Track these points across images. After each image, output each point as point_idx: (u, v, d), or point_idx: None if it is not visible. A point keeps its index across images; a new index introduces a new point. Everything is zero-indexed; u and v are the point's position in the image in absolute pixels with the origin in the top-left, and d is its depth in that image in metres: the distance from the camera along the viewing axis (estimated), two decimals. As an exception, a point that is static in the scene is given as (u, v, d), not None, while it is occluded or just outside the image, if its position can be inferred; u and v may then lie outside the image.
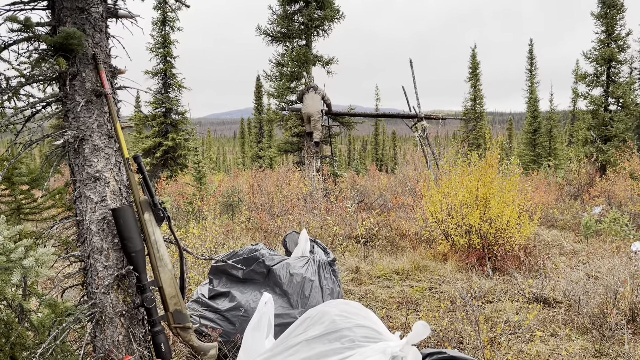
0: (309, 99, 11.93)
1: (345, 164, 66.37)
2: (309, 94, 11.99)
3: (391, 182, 14.48)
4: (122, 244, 2.56)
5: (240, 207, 9.56)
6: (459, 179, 6.44)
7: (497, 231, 5.96)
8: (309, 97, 11.95)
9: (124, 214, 2.54)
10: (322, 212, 8.37)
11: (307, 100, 11.97)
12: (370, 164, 44.93)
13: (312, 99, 11.91)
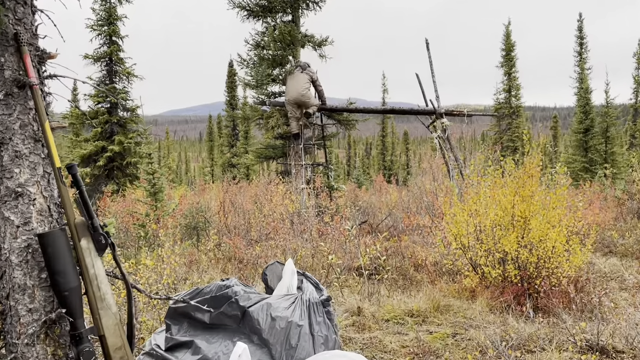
0: (291, 80, 11.99)
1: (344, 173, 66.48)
2: (293, 74, 12.05)
3: (403, 197, 14.52)
4: (52, 280, 2.53)
5: (207, 230, 9.52)
6: (489, 192, 6.46)
7: (539, 260, 5.97)
8: (292, 79, 12.02)
9: (54, 241, 2.52)
10: (314, 237, 8.35)
11: (288, 82, 12.04)
12: (376, 173, 45.08)
13: (296, 80, 11.96)
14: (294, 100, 11.98)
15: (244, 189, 13.46)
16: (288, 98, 12.04)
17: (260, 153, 13.89)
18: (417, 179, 14.37)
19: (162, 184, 9.49)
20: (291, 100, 11.99)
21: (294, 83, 11.97)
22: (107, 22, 16.72)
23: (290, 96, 11.98)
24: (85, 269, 2.59)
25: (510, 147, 30.30)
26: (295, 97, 11.94)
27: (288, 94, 12.03)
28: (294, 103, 12.03)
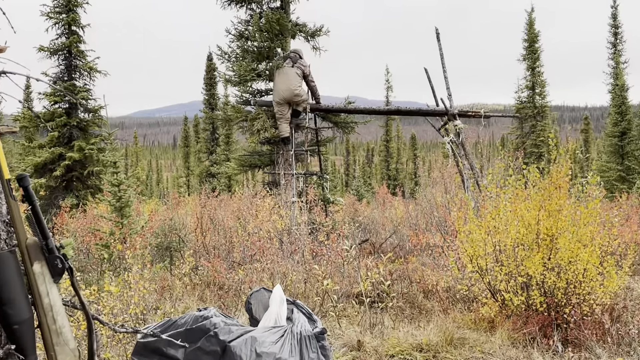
0: (281, 76, 12.05)
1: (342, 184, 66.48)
2: (282, 69, 12.10)
3: (410, 211, 14.54)
4: (0, 311, 2.52)
5: (182, 251, 9.49)
6: (510, 206, 6.48)
7: (568, 285, 5.97)
8: (281, 73, 12.08)
9: (1, 265, 2.51)
10: (307, 258, 8.33)
11: (277, 78, 12.09)
12: (379, 184, 45.12)
13: (286, 75, 12.02)
14: (285, 99, 12.01)
15: (225, 202, 13.43)
16: (277, 96, 12.07)
17: (244, 161, 13.89)
18: (427, 190, 14.39)
19: (130, 198, 9.47)
20: (281, 98, 12.03)
21: (283, 79, 12.01)
22: (66, 8, 16.74)
23: (280, 94, 12.01)
24: (38, 298, 2.58)
25: (534, 154, 30.43)
26: (285, 95, 11.97)
27: (277, 91, 12.07)
28: (284, 102, 12.06)
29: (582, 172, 37.53)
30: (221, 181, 32.89)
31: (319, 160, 13.47)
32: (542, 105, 31.71)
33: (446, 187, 12.83)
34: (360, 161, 77.65)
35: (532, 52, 31.57)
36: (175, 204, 17.83)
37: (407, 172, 55.76)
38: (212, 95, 36.03)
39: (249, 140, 13.83)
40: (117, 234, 9.00)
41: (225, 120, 13.89)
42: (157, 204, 23.72)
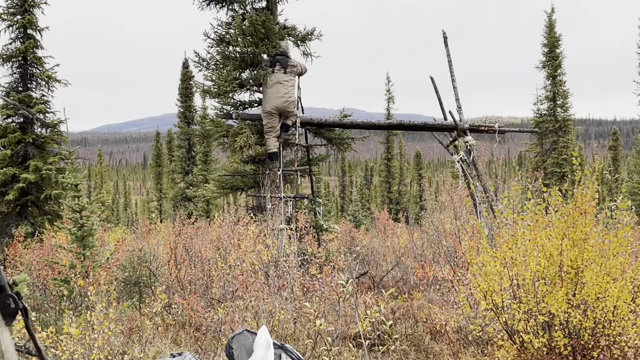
0: (272, 83, 12.16)
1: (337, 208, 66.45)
2: (273, 75, 12.19)
3: (415, 240, 14.52)
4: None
5: (153, 286, 9.44)
6: (529, 234, 6.48)
7: (596, 325, 5.96)
8: (272, 80, 12.20)
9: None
10: (297, 295, 8.31)
11: (268, 86, 12.16)
12: (379, 208, 45.17)
13: (278, 83, 12.19)
14: (277, 109, 12.08)
15: (202, 230, 13.41)
16: (268, 105, 12.12)
17: (225, 182, 13.88)
18: (434, 216, 14.40)
19: (93, 225, 9.42)
20: (273, 108, 12.09)
21: (277, 86, 12.09)
22: (21, 9, 16.76)
23: (272, 103, 12.08)
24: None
25: (556, 174, 30.49)
26: (279, 105, 12.06)
27: (268, 100, 12.12)
28: (276, 112, 12.13)
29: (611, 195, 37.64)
30: (198, 206, 32.83)
31: (310, 182, 13.48)
32: (565, 118, 31.74)
33: (456, 213, 12.84)
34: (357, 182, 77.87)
35: (553, 58, 31.68)
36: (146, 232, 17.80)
37: (411, 195, 55.81)
38: (189, 108, 36.07)
39: (230, 158, 13.78)
40: (79, 267, 8.94)
41: (204, 136, 13.88)
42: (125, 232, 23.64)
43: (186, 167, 35.82)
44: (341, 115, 13.52)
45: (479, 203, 11.79)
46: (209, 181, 28.37)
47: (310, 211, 13.33)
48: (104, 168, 66.82)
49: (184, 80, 35.94)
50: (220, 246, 10.71)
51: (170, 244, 11.27)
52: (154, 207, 43.90)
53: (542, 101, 32.15)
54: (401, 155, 53.96)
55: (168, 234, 15.01)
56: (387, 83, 48.21)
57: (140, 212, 71.26)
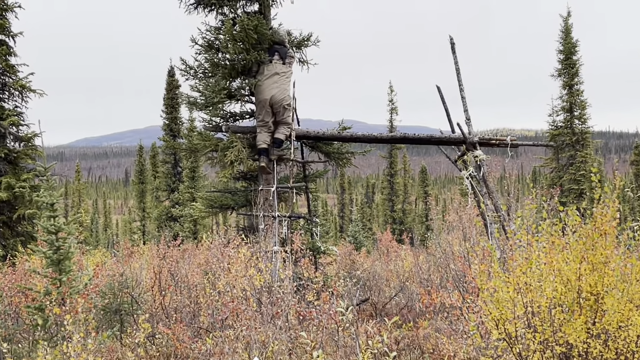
0: (269, 74, 12.31)
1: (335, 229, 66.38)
2: (271, 65, 12.37)
3: (420, 263, 14.52)
4: None
5: (135, 315, 9.41)
6: (545, 258, 6.47)
7: (619, 355, 5.95)
8: (269, 70, 12.34)
9: None
10: (292, 323, 8.28)
11: (265, 74, 12.32)
12: (382, 228, 45.14)
13: (275, 74, 12.29)
14: (273, 101, 12.12)
15: (189, 253, 13.41)
16: (263, 96, 12.15)
17: (214, 200, 13.86)
18: (441, 237, 14.39)
19: (70, 248, 9.41)
20: (266, 100, 12.13)
21: (274, 77, 12.18)
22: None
23: (269, 94, 12.13)
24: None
25: (573, 191, 30.49)
26: (275, 96, 12.12)
27: (264, 90, 12.17)
28: (269, 105, 12.18)
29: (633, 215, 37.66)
30: (185, 226, 32.78)
31: (306, 200, 13.47)
32: (583, 131, 31.72)
33: (465, 233, 12.85)
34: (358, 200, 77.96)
35: (569, 65, 31.69)
36: (127, 256, 17.76)
37: (416, 214, 55.81)
38: (174, 120, 36.02)
39: (219, 174, 13.77)
40: (54, 293, 8.92)
41: (191, 151, 13.89)
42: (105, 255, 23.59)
43: (172, 184, 35.78)
44: (340, 128, 13.52)
45: (490, 223, 11.79)
46: (196, 199, 28.36)
47: (306, 232, 13.31)
48: (82, 185, 66.82)
49: (170, 89, 35.89)
50: (209, 270, 10.70)
51: (154, 268, 11.24)
52: (136, 227, 43.87)
53: (558, 112, 32.16)
54: (405, 171, 54.00)
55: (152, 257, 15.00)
56: (390, 93, 48.21)
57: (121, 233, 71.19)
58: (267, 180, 12.56)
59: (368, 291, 13.73)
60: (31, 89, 17.03)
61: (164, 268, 11.16)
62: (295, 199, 13.59)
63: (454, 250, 12.62)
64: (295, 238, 12.40)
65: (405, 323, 10.46)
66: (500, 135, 13.60)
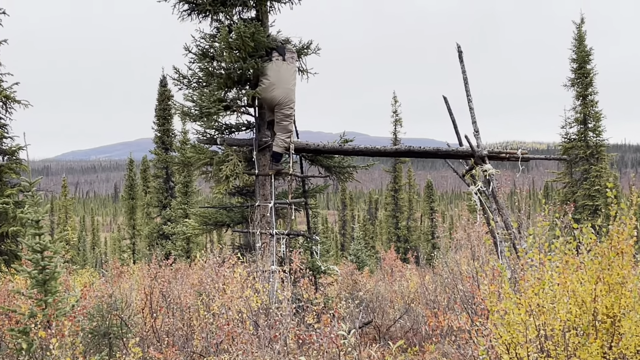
0: (276, 69, 12.35)
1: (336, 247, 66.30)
2: (272, 64, 12.39)
3: (426, 283, 14.49)
4: None
5: (125, 338, 9.39)
6: (558, 278, 6.46)
7: (637, 381, 5.93)
8: (274, 69, 12.36)
9: None
10: (291, 348, 8.26)
11: (270, 71, 12.36)
12: (385, 246, 45.06)
13: (281, 70, 12.35)
14: (276, 100, 12.20)
15: (182, 273, 13.39)
16: (269, 94, 12.18)
17: (208, 217, 13.85)
18: (448, 256, 14.37)
19: (56, 267, 9.39)
20: (271, 99, 12.22)
21: (278, 75, 12.22)
22: (-25, 19, 16.85)
23: (272, 93, 12.17)
24: None
25: (587, 208, 30.45)
26: (280, 95, 12.19)
27: (268, 87, 12.18)
28: (271, 105, 12.31)
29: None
30: (177, 244, 32.72)
31: (306, 216, 13.47)
32: (597, 143, 31.68)
33: (474, 252, 12.84)
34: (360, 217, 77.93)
35: (583, 75, 31.69)
36: (117, 275, 17.74)
37: (421, 232, 55.80)
38: (166, 132, 36.03)
39: (214, 190, 13.78)
40: (40, 316, 8.89)
41: (184, 164, 13.86)
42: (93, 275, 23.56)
43: (163, 199, 35.74)
44: (341, 140, 13.52)
45: (500, 241, 11.77)
46: (189, 216, 28.29)
47: (306, 250, 13.30)
48: (69, 201, 66.78)
49: (162, 100, 35.87)
50: (203, 291, 10.68)
51: (145, 289, 11.22)
52: (126, 246, 43.78)
53: (571, 124, 32.16)
54: (410, 185, 54.04)
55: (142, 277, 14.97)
56: (394, 103, 48.39)
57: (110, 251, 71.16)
58: (265, 195, 12.55)
59: (371, 313, 13.69)
60: (15, 100, 16.99)
61: (155, 289, 11.13)
62: (294, 215, 13.56)
63: (462, 270, 12.60)
64: (294, 257, 12.39)
65: (411, 347, 10.44)
66: (510, 148, 13.59)
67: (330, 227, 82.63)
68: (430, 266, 24.30)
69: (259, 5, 13.13)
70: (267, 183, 12.59)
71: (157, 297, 10.85)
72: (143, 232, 38.16)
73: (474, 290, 10.75)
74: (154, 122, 36.13)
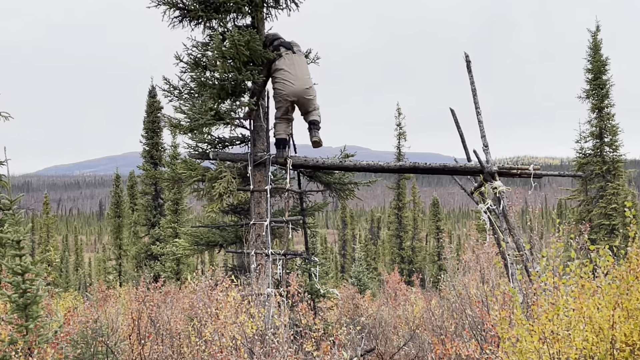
0: (286, 70, 12.38)
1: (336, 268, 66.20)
2: (282, 59, 12.47)
3: (433, 308, 14.46)
4: None
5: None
6: (574, 303, 6.46)
7: (658, 414, 5.92)
8: (286, 64, 12.42)
9: None
10: (288, 377, 8.24)
11: (280, 72, 12.39)
12: (388, 268, 45.05)
13: (298, 64, 12.47)
14: (295, 95, 12.32)
15: (172, 296, 13.37)
16: (285, 92, 12.29)
17: (199, 237, 13.84)
18: (456, 278, 14.36)
19: (38, 291, 9.38)
20: (288, 95, 12.31)
21: (291, 69, 12.32)
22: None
23: (289, 89, 12.23)
24: None
25: (604, 227, 30.35)
26: (297, 90, 12.28)
27: (285, 86, 12.27)
28: (290, 101, 12.41)
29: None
30: (166, 265, 32.67)
31: (304, 236, 13.46)
32: (614, 159, 31.54)
33: (483, 275, 12.84)
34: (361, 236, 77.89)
35: (599, 86, 31.57)
36: (102, 299, 17.70)
37: (427, 252, 55.72)
38: (156, 145, 36.01)
39: (206, 208, 13.77)
40: (20, 342, 8.88)
41: (174, 181, 13.86)
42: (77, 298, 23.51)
43: (152, 217, 35.70)
44: (342, 156, 13.54)
45: (511, 263, 11.76)
46: (179, 235, 28.27)
47: (304, 272, 13.28)
48: (51, 219, 66.53)
49: (151, 112, 35.87)
50: (194, 316, 10.66)
51: (133, 314, 11.21)
52: (111, 267, 43.64)
53: (587, 138, 32.07)
54: (415, 203, 54.04)
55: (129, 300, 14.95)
56: (398, 116, 48.35)
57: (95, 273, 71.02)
58: (260, 213, 12.54)
59: (374, 340, 13.68)
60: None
61: (143, 313, 11.11)
62: (291, 234, 13.55)
63: (470, 294, 12.59)
64: (291, 279, 12.39)
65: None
66: (521, 163, 13.61)
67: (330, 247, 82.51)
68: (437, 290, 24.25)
69: (255, 11, 13.13)
70: (263, 200, 12.58)
71: (145, 322, 10.83)
72: (130, 252, 38.08)
73: (483, 315, 10.74)
74: (142, 135, 36.12)
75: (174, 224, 33.44)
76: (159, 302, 12.20)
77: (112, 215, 44.71)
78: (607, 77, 31.57)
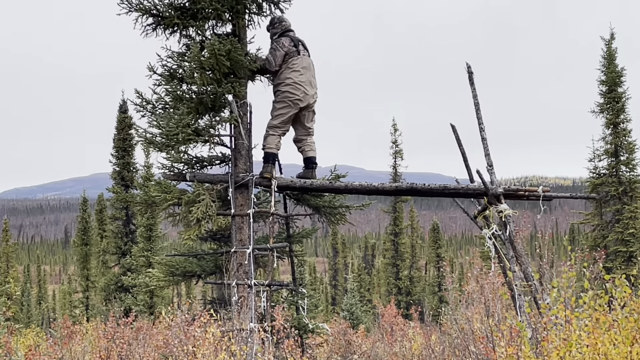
0: (303, 71, 12.53)
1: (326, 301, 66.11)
2: (301, 59, 12.59)
3: (433, 344, 14.47)
4: None
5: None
6: (587, 338, 6.46)
7: None
8: (303, 64, 12.57)
9: None
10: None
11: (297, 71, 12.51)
12: (384, 300, 44.98)
13: (309, 71, 12.64)
14: (304, 101, 12.46)
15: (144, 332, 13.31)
16: (295, 94, 12.43)
17: (175, 266, 13.81)
18: (458, 312, 14.36)
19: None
20: (297, 100, 12.44)
21: (307, 72, 12.56)
22: None
23: (302, 92, 12.43)
24: None
25: (620, 255, 30.31)
26: (310, 95, 12.48)
27: (296, 87, 12.43)
28: (298, 105, 12.50)
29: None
30: (139, 298, 32.56)
31: (291, 265, 13.46)
32: (631, 179, 31.33)
33: (488, 307, 12.83)
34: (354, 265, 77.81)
35: (614, 99, 31.41)
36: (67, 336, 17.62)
37: (426, 283, 55.74)
38: (127, 166, 35.94)
39: (182, 235, 13.74)
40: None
41: (147, 204, 13.81)
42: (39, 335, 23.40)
43: (123, 245, 35.58)
44: (332, 176, 13.54)
45: (519, 295, 11.77)
46: (153, 265, 28.22)
47: (290, 305, 13.27)
48: (11, 247, 66.27)
49: (121, 129, 35.79)
50: (169, 354, 10.63)
51: (101, 352, 11.18)
52: (78, 300, 43.49)
53: (601, 156, 31.93)
54: (413, 228, 54.09)
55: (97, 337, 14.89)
56: (394, 132, 48.50)
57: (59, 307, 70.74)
58: (242, 240, 12.51)
59: (368, 380, 13.65)
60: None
61: (112, 352, 11.07)
62: (276, 263, 13.53)
63: (474, 328, 12.59)
64: (276, 313, 12.38)
65: (415, 420, 10.40)
66: (529, 185, 13.65)
67: (320, 277, 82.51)
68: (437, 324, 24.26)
69: (236, 18, 13.12)
70: (245, 226, 12.55)
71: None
72: (98, 283, 37.92)
73: (488, 352, 10.74)
74: (112, 155, 36.03)
75: (147, 252, 33.32)
76: (130, 339, 12.15)
77: (79, 243, 44.55)
78: (622, 89, 31.35)
